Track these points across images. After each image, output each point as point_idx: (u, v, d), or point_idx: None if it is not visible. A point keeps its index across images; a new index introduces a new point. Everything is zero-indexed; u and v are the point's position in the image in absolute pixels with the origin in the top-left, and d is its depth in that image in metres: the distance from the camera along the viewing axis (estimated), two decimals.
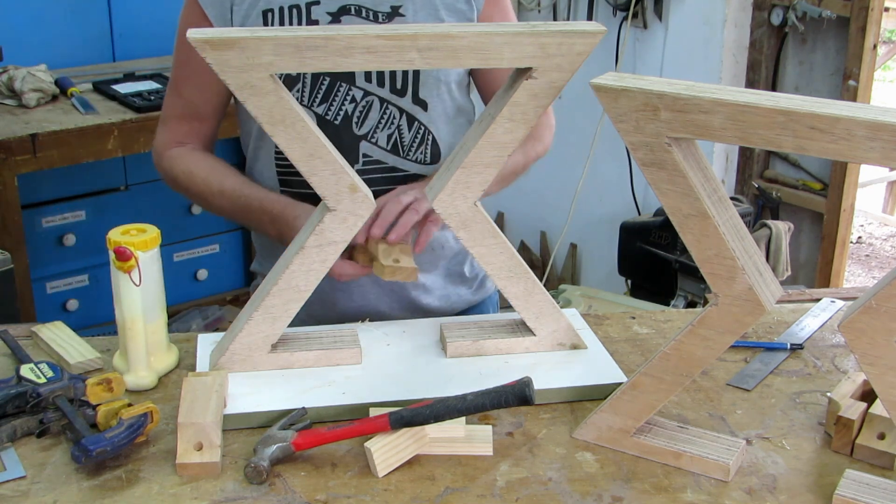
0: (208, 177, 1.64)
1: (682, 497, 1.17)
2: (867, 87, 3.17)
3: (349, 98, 1.60)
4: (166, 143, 1.70)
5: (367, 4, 1.59)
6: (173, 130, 1.70)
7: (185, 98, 1.68)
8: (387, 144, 1.63)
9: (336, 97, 1.60)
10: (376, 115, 1.61)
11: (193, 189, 1.66)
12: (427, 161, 1.66)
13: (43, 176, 3.03)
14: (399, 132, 1.63)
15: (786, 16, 3.23)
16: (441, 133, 1.66)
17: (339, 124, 1.61)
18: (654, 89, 1.09)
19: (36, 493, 1.15)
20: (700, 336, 1.18)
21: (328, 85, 1.59)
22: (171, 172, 1.68)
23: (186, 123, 1.69)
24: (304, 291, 1.37)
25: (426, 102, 1.63)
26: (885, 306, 1.06)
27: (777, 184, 3.46)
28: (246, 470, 1.17)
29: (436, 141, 1.66)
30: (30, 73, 2.89)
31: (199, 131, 1.70)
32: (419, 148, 1.65)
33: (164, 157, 1.70)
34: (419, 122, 1.64)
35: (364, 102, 1.60)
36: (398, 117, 1.62)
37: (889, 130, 0.98)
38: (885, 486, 1.16)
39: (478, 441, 1.24)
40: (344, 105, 1.60)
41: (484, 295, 1.84)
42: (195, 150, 1.69)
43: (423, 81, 1.61)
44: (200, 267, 3.64)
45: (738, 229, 1.17)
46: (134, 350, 1.36)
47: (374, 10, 1.59)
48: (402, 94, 1.61)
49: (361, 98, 1.60)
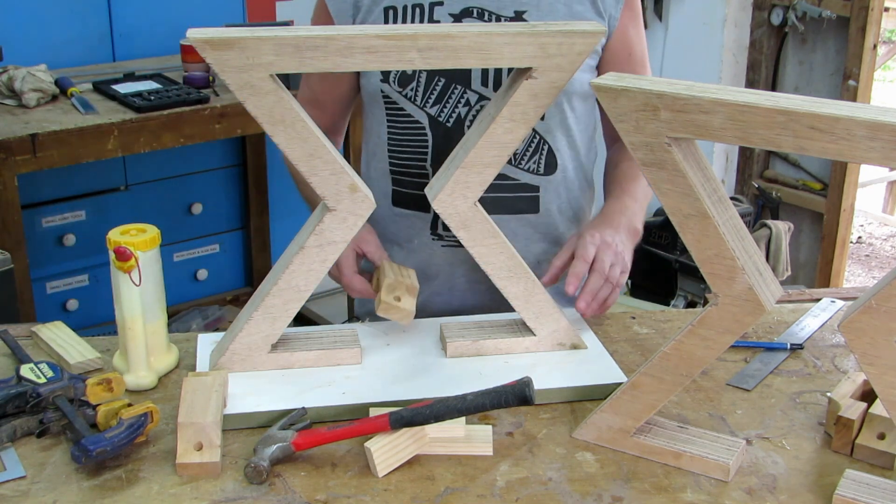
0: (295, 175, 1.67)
1: (682, 497, 1.17)
2: (867, 87, 3.18)
3: (463, 101, 1.59)
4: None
5: (491, 7, 1.57)
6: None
7: (311, 85, 1.73)
8: None
9: (450, 99, 1.59)
10: None
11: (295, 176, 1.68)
12: (541, 172, 1.63)
13: (43, 176, 3.04)
14: None
15: (786, 16, 3.23)
16: (558, 143, 1.63)
17: (452, 126, 1.59)
18: (654, 89, 1.09)
19: (36, 493, 1.15)
20: (700, 336, 1.18)
21: (443, 86, 1.58)
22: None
23: (311, 109, 1.66)
24: (303, 291, 1.37)
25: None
26: (885, 306, 1.06)
27: (777, 184, 3.46)
28: (246, 470, 1.17)
29: (552, 151, 1.63)
30: (30, 73, 2.89)
31: (320, 120, 1.66)
32: (532, 157, 1.62)
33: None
34: (534, 130, 1.61)
35: (478, 107, 1.58)
36: None
37: (889, 130, 0.98)
38: (885, 486, 1.16)
39: (478, 441, 1.24)
40: (457, 108, 1.59)
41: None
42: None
43: None
44: (200, 267, 3.64)
45: (738, 229, 1.17)
46: (134, 350, 1.36)
47: (497, 13, 1.57)
48: None
49: (476, 102, 1.58)
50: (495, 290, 1.45)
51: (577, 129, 1.66)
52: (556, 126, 1.62)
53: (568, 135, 1.65)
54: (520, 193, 1.63)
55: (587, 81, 1.60)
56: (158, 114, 2.85)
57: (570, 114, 1.64)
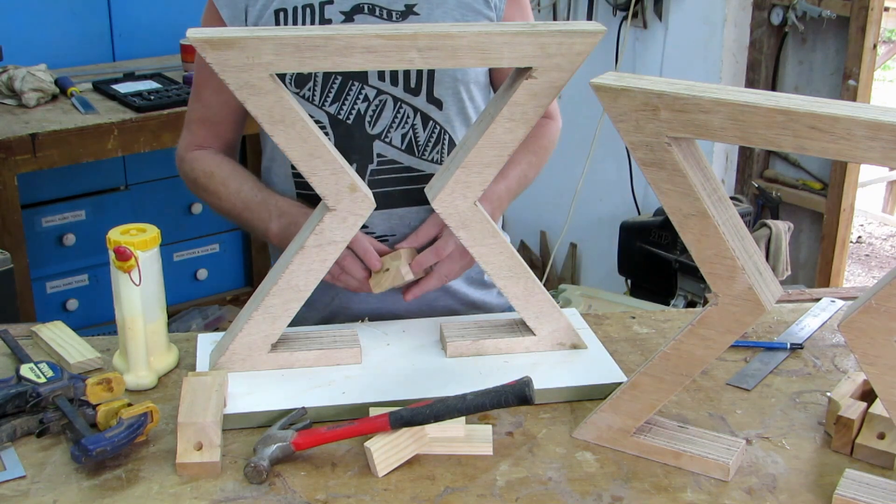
0: (227, 179, 1.64)
1: (682, 497, 1.17)
2: (867, 86, 3.17)
3: (362, 97, 1.59)
4: (187, 147, 1.71)
5: (381, 3, 1.57)
6: (194, 134, 1.70)
7: (203, 102, 1.69)
8: (401, 144, 1.61)
9: (348, 96, 1.59)
10: (390, 114, 1.60)
11: (211, 188, 1.65)
12: (444, 161, 1.64)
13: (43, 176, 3.04)
14: (414, 131, 1.61)
15: (786, 15, 3.23)
16: (458, 133, 1.64)
17: (352, 123, 1.60)
18: (654, 89, 1.09)
19: (36, 493, 1.15)
20: (700, 336, 1.18)
21: (340, 83, 1.58)
22: (191, 174, 1.68)
23: (206, 127, 1.69)
24: (303, 291, 1.37)
25: (441, 101, 1.61)
26: (885, 306, 1.06)
27: (777, 183, 3.46)
28: (246, 470, 1.17)
29: (452, 141, 1.64)
30: (30, 73, 2.89)
31: (218, 135, 1.69)
32: (435, 147, 1.63)
33: (185, 160, 1.70)
34: (434, 121, 1.62)
35: (377, 101, 1.59)
36: (412, 116, 1.60)
37: (889, 130, 0.98)
38: (885, 486, 1.16)
39: (478, 441, 1.24)
40: (356, 104, 1.59)
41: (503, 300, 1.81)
42: (217, 153, 1.69)
43: (439, 80, 1.60)
44: (200, 267, 3.64)
45: (738, 229, 1.17)
46: (134, 350, 1.36)
47: (388, 8, 1.57)
48: (417, 93, 1.60)
49: (374, 97, 1.59)
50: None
51: (475, 117, 1.66)
52: (454, 116, 1.63)
53: (467, 124, 1.66)
54: (425, 185, 1.64)
55: (481, 70, 1.64)
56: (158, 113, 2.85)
57: (468, 103, 1.65)
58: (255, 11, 1.59)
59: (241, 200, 1.62)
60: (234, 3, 1.60)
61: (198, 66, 1.69)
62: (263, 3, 1.58)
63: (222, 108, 1.68)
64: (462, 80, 1.62)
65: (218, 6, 1.61)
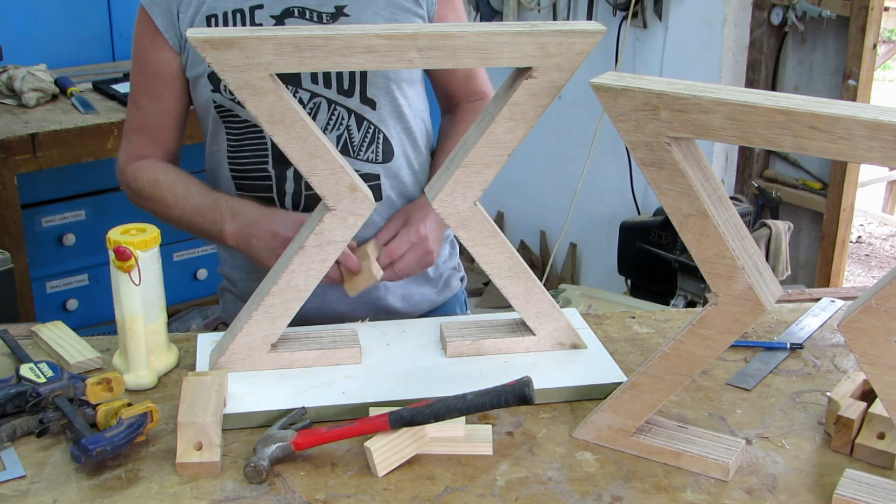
0: (173, 185, 1.62)
1: (682, 497, 1.17)
2: (867, 86, 3.17)
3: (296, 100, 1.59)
4: (128, 158, 1.68)
5: (311, 6, 1.58)
6: (134, 144, 1.68)
7: (142, 109, 1.67)
8: (337, 144, 1.61)
9: None
10: (325, 116, 1.60)
11: (158, 196, 1.63)
12: (379, 160, 1.65)
13: (43, 176, 3.03)
14: (349, 132, 1.62)
15: (786, 15, 3.23)
16: (392, 131, 1.65)
17: None
18: (653, 89, 1.09)
19: (36, 493, 1.15)
20: (700, 336, 1.18)
21: None
22: (135, 185, 1.66)
23: (146, 136, 1.67)
24: (303, 291, 1.37)
25: (374, 101, 1.62)
26: (884, 306, 1.06)
27: (777, 183, 3.46)
28: (246, 469, 1.17)
29: (387, 139, 1.65)
30: (30, 73, 2.89)
31: (160, 143, 1.68)
32: (370, 147, 1.64)
33: (126, 172, 1.68)
34: (368, 121, 1.63)
35: (312, 104, 1.60)
36: (347, 118, 1.61)
37: (889, 130, 0.98)
38: (885, 486, 1.16)
39: (477, 441, 1.24)
40: None
41: (448, 294, 1.83)
42: (159, 161, 1.67)
43: (371, 81, 1.60)
44: (200, 267, 3.64)
45: (738, 229, 1.17)
46: (134, 350, 1.36)
47: (318, 10, 1.58)
48: (350, 95, 1.60)
49: (309, 100, 1.59)
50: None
51: (410, 114, 1.68)
52: (388, 115, 1.64)
53: (402, 121, 1.66)
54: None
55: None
56: None
57: (402, 101, 1.65)
58: (187, 17, 1.59)
59: (191, 205, 1.60)
60: (168, 10, 1.59)
61: (135, 72, 1.67)
62: (195, 9, 1.58)
63: (161, 114, 1.66)
64: (394, 80, 1.63)
65: (152, 14, 1.60)
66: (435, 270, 1.78)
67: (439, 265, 1.79)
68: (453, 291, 1.85)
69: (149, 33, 1.61)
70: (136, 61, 1.66)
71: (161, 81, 1.63)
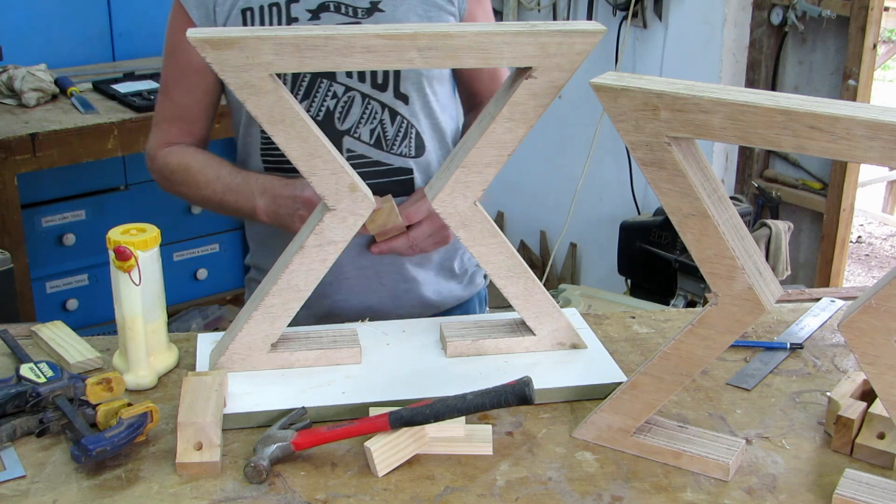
0: (205, 167, 1.65)
1: (682, 497, 1.17)
2: (867, 86, 3.17)
3: (330, 94, 1.61)
4: (158, 145, 1.71)
5: (347, 0, 1.59)
6: (165, 132, 1.71)
7: (174, 100, 1.69)
8: (370, 139, 1.64)
9: (317, 94, 1.61)
10: (358, 110, 1.62)
11: (190, 179, 1.65)
12: (412, 154, 1.67)
13: (43, 175, 3.04)
14: (382, 126, 1.64)
15: (786, 15, 3.23)
16: (423, 126, 1.67)
17: (322, 120, 1.61)
18: (653, 89, 1.09)
19: (36, 493, 1.15)
20: (700, 336, 1.18)
21: (309, 82, 1.60)
22: (165, 170, 1.68)
23: (177, 125, 1.70)
24: (303, 291, 1.37)
25: (407, 96, 1.64)
26: (884, 306, 1.06)
27: (777, 183, 3.46)
28: (246, 469, 1.17)
29: (419, 134, 1.67)
30: (30, 73, 2.89)
31: (191, 132, 1.70)
32: (403, 142, 1.66)
33: (157, 158, 1.70)
34: (401, 116, 1.65)
35: (346, 98, 1.61)
36: (380, 112, 1.63)
37: (889, 130, 0.98)
38: (885, 486, 1.16)
39: (477, 440, 1.24)
40: (325, 101, 1.61)
41: (473, 290, 1.85)
42: (189, 146, 1.70)
43: (405, 76, 1.63)
44: (200, 266, 3.64)
45: (738, 229, 1.17)
46: (134, 350, 1.36)
47: (354, 5, 1.60)
48: (384, 89, 1.62)
49: (343, 94, 1.61)
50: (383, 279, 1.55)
51: (439, 110, 1.70)
52: (419, 110, 1.66)
53: (432, 117, 1.69)
54: (395, 178, 1.67)
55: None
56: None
57: (432, 98, 1.68)
58: (223, 11, 1.60)
59: (223, 185, 1.62)
60: (203, 3, 1.61)
61: (166, 64, 1.69)
62: (231, 2, 1.59)
63: (194, 105, 1.69)
64: (426, 76, 1.65)
65: (187, 7, 1.61)
66: (461, 266, 1.81)
67: (464, 261, 1.81)
68: (477, 288, 1.87)
69: (183, 27, 1.61)
70: (170, 54, 1.68)
71: (195, 74, 1.65)
